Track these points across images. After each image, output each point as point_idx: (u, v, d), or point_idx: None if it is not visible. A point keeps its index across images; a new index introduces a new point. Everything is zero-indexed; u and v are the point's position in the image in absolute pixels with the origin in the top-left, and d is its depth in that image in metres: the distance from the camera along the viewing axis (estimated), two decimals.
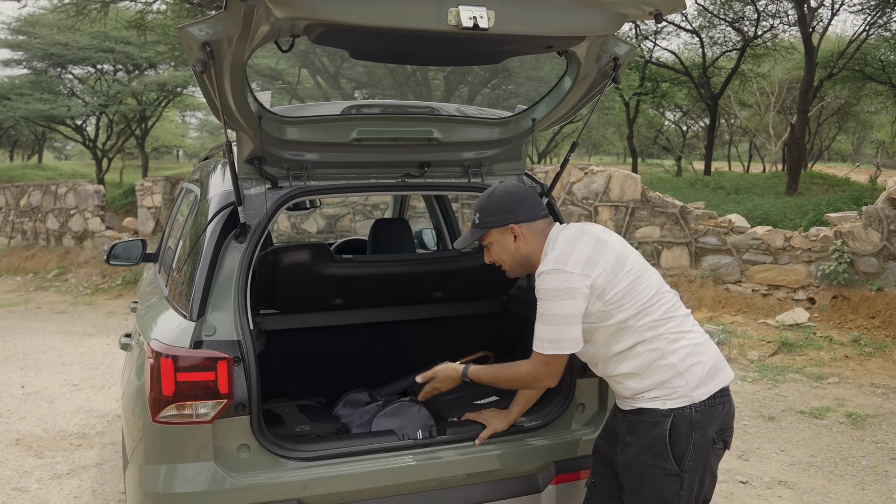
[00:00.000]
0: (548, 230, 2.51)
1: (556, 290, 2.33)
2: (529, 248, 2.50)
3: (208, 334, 2.50)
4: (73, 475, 4.62)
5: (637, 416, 2.40)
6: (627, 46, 2.63)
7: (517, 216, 2.48)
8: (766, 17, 19.99)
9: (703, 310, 8.36)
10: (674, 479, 2.33)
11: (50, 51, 21.48)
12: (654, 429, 2.35)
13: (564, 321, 2.33)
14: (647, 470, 2.35)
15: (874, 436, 5.20)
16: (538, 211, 2.51)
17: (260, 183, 2.80)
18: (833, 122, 32.54)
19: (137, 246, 4.54)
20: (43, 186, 14.13)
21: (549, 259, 2.38)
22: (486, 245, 2.57)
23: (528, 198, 2.51)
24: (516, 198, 2.49)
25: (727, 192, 16.30)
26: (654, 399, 2.36)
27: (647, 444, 2.36)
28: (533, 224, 2.49)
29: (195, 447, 2.45)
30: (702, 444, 2.34)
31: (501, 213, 2.48)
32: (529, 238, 2.49)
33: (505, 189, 2.52)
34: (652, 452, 2.34)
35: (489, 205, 2.50)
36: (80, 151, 41.70)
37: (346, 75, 18.06)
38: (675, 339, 2.39)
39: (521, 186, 2.55)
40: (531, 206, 2.50)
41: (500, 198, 2.50)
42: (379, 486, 2.60)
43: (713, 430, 2.36)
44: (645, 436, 2.36)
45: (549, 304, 2.35)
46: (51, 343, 8.30)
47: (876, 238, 7.47)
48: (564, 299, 2.33)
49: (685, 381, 2.34)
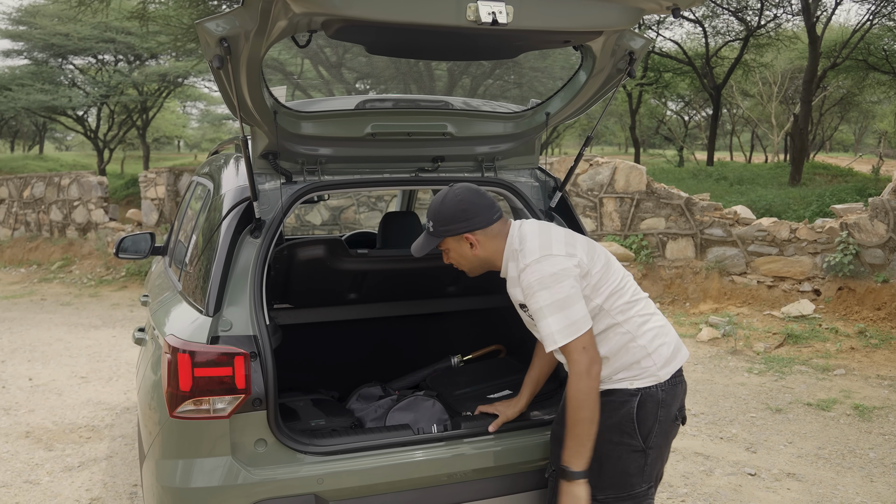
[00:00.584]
0: (504, 230, 2.52)
1: (550, 276, 2.33)
2: (486, 252, 2.51)
3: (225, 329, 2.50)
4: (84, 468, 4.64)
5: (604, 396, 2.41)
6: (643, 41, 2.62)
7: (471, 224, 2.48)
8: (770, 7, 19.95)
9: (709, 301, 8.37)
10: (639, 455, 2.41)
11: (51, 41, 21.41)
12: (621, 408, 2.40)
13: (569, 302, 2.31)
14: (613, 448, 2.40)
15: (881, 428, 5.21)
16: (491, 215, 2.50)
17: (274, 178, 2.80)
18: (835, 112, 32.49)
19: (146, 239, 4.55)
20: (46, 178, 14.12)
21: (530, 250, 2.39)
22: (444, 250, 2.58)
23: (480, 203, 2.49)
24: (468, 205, 2.48)
25: (730, 182, 16.30)
26: (622, 380, 2.42)
27: (613, 423, 2.40)
28: (488, 229, 2.49)
29: (212, 442, 2.46)
30: (666, 422, 2.44)
31: (455, 222, 2.48)
32: (485, 243, 2.50)
33: (456, 196, 2.49)
34: (619, 430, 2.40)
35: (441, 214, 2.49)
36: (81, 142, 41.73)
37: (349, 66, 18.02)
38: (643, 321, 2.47)
39: (472, 191, 2.52)
40: (484, 210, 2.49)
41: (451, 206, 2.48)
42: (395, 481, 2.61)
43: (675, 408, 2.47)
44: (611, 416, 2.40)
45: (548, 293, 2.32)
46: (57, 335, 8.31)
47: (882, 230, 7.47)
48: (562, 281, 2.32)
49: (653, 361, 2.42)
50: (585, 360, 2.30)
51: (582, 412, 2.29)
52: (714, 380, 6.29)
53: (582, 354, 2.30)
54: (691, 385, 6.15)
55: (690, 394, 5.94)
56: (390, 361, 3.71)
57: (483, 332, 3.74)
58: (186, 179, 12.85)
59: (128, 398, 5.99)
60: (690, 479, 4.41)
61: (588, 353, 2.30)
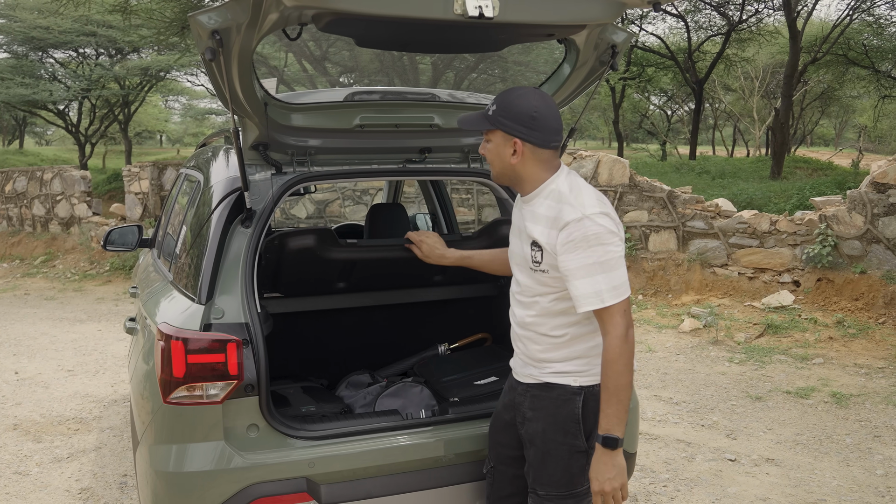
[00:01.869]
0: (554, 164, 2.39)
1: (609, 233, 2.24)
2: (524, 170, 2.37)
3: (217, 317, 2.55)
4: (73, 459, 4.67)
5: (543, 391, 2.39)
6: (625, 34, 2.69)
7: (528, 135, 2.32)
8: (752, 2, 20.13)
9: (691, 293, 8.48)
10: (582, 455, 2.37)
11: (31, 34, 21.20)
12: (564, 406, 2.36)
13: (619, 264, 2.24)
14: (556, 447, 2.37)
15: (858, 414, 5.33)
16: (551, 140, 2.35)
17: (264, 169, 2.85)
18: (816, 107, 32.81)
19: (133, 232, 4.58)
20: (28, 172, 14.03)
21: (589, 202, 2.28)
22: (486, 139, 2.43)
23: (549, 123, 2.34)
24: (538, 117, 2.31)
25: (712, 176, 16.45)
26: (565, 374, 2.36)
27: (556, 421, 2.36)
28: (538, 150, 2.34)
29: (205, 427, 2.51)
30: None
31: (516, 122, 2.31)
32: (528, 160, 2.35)
33: (531, 104, 2.32)
34: (563, 430, 2.36)
35: (510, 106, 2.33)
36: (62, 136, 41.33)
37: (333, 60, 18.01)
38: None
39: (549, 107, 2.37)
40: (548, 132, 2.33)
41: (523, 106, 2.32)
42: (384, 464, 2.67)
43: None
44: (555, 413, 2.37)
45: (604, 249, 2.22)
46: (42, 329, 8.30)
47: (859, 221, 7.60)
48: (615, 242, 2.25)
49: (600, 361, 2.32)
50: (625, 323, 2.22)
51: (624, 377, 2.21)
52: (696, 369, 6.39)
53: (623, 317, 2.22)
54: (674, 374, 6.26)
55: (673, 383, 6.04)
56: (378, 349, 3.77)
57: (470, 320, 3.80)
58: (170, 174, 12.82)
59: (115, 391, 6.01)
60: (672, 465, 4.51)
61: (627, 316, 2.23)
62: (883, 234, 7.49)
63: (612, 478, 2.24)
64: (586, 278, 2.22)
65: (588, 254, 2.22)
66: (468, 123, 2.42)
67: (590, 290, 2.22)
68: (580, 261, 2.23)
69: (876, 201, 7.51)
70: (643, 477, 4.34)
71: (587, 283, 2.22)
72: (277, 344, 3.34)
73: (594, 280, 2.21)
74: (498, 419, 2.62)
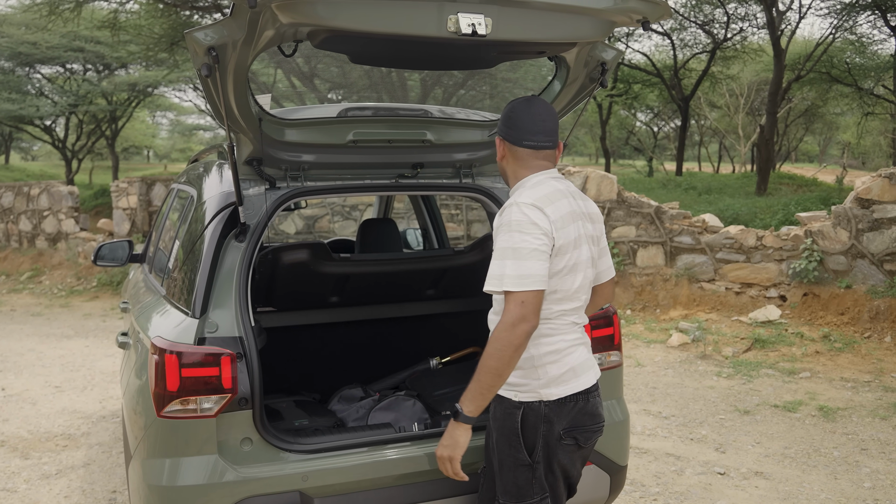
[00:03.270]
0: (531, 162, 2.45)
1: (530, 223, 2.28)
2: (508, 166, 2.51)
3: (211, 331, 2.56)
4: (62, 475, 4.64)
5: (496, 402, 2.44)
6: (614, 52, 2.74)
7: (505, 133, 2.48)
8: (736, 20, 20.37)
9: (679, 308, 8.53)
10: (526, 469, 2.41)
11: (18, 50, 21.16)
12: (508, 419, 2.41)
13: (533, 255, 2.25)
14: (505, 458, 2.43)
15: (845, 428, 5.37)
16: (523, 138, 2.43)
17: (258, 183, 2.87)
18: (800, 124, 33.12)
19: (124, 247, 4.58)
20: (15, 188, 13.96)
21: (527, 194, 2.35)
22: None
23: (523, 121, 2.44)
24: (513, 116, 2.45)
25: (699, 192, 16.57)
26: (509, 387, 2.39)
27: (504, 433, 2.42)
28: (514, 148, 2.46)
29: (199, 441, 2.52)
30: (550, 438, 2.39)
31: (501, 122, 2.51)
32: (509, 157, 2.49)
33: (512, 105, 2.47)
34: (508, 443, 2.42)
35: (505, 108, 2.51)
36: (48, 152, 41.16)
37: (322, 76, 18.07)
38: (551, 333, 2.41)
39: (525, 107, 2.45)
40: (520, 130, 2.44)
41: (506, 109, 2.49)
42: (377, 478, 2.68)
43: (560, 427, 2.40)
44: (502, 425, 2.43)
45: (519, 236, 2.26)
46: (28, 345, 8.24)
47: (844, 237, 7.69)
48: (535, 233, 2.27)
49: (537, 376, 2.38)
50: (518, 314, 2.22)
51: (491, 361, 2.24)
52: (684, 383, 6.43)
53: (518, 308, 2.22)
54: (663, 388, 6.29)
55: (662, 397, 6.07)
56: (371, 363, 3.78)
57: (461, 334, 3.82)
58: (159, 189, 12.80)
59: (103, 407, 5.98)
60: (662, 479, 4.53)
61: (524, 309, 2.22)
62: (867, 249, 7.58)
63: (446, 445, 2.38)
64: (497, 260, 2.29)
65: (505, 238, 2.29)
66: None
67: (496, 272, 2.28)
68: (498, 243, 2.31)
69: (860, 217, 7.61)
70: (633, 490, 4.35)
71: (496, 265, 2.28)
72: (270, 358, 3.35)
73: (503, 263, 2.27)
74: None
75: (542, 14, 2.27)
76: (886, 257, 7.51)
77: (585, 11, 2.32)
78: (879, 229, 7.54)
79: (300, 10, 2.06)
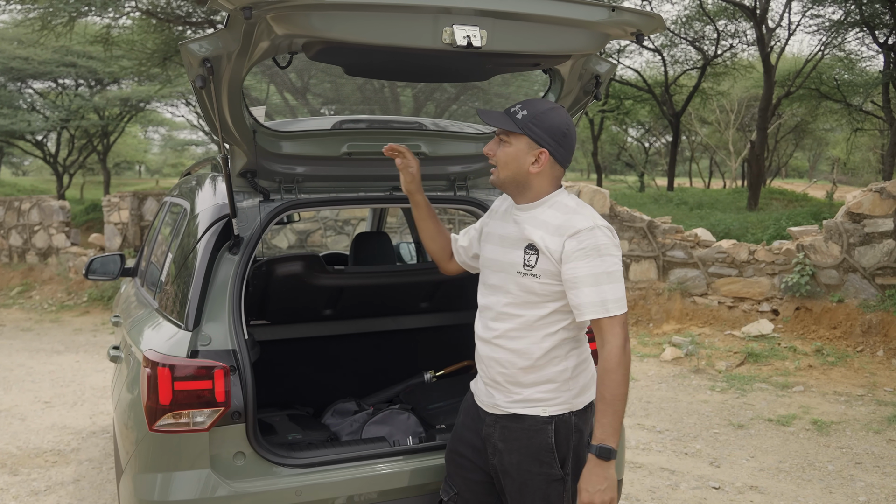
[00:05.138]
0: (560, 180, 2.42)
1: (616, 246, 2.29)
2: (538, 181, 2.36)
3: (204, 344, 2.54)
4: (52, 491, 4.58)
5: (512, 422, 2.37)
6: (608, 65, 2.75)
7: (556, 150, 2.34)
8: (726, 37, 20.56)
9: (672, 322, 8.53)
10: (559, 483, 2.35)
11: (10, 65, 21.11)
12: (536, 436, 2.34)
13: (622, 277, 2.28)
14: (532, 477, 2.34)
15: (839, 441, 5.37)
16: (569, 159, 2.40)
17: (252, 196, 2.86)
18: (790, 140, 33.35)
19: (115, 261, 4.56)
20: (6, 202, 13.89)
21: (593, 215, 2.32)
22: (504, 140, 2.37)
23: (573, 143, 2.41)
24: (569, 135, 2.37)
25: (690, 207, 16.65)
26: (534, 404, 2.34)
27: (530, 452, 2.34)
28: (557, 166, 2.37)
29: (192, 455, 2.49)
30: (579, 447, 2.37)
31: (549, 134, 2.32)
32: (546, 173, 2.36)
33: (565, 121, 2.36)
34: (537, 461, 2.34)
35: (543, 118, 2.32)
36: (39, 167, 41.00)
37: (315, 91, 18.09)
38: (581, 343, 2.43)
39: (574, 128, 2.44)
40: (570, 152, 2.40)
41: (559, 121, 2.34)
42: (371, 492, 2.65)
43: (587, 434, 2.39)
44: (528, 444, 2.34)
45: (613, 260, 2.26)
46: (18, 360, 8.17)
47: (836, 251, 7.72)
48: (619, 255, 2.30)
49: (569, 387, 2.36)
50: (624, 335, 2.23)
51: (621, 388, 2.21)
52: (678, 398, 6.42)
53: (623, 329, 2.23)
54: (657, 402, 6.28)
55: (656, 411, 6.06)
56: (364, 377, 3.76)
57: (455, 348, 3.80)
58: (150, 204, 12.76)
59: (93, 422, 5.92)
60: (657, 494, 4.51)
61: (626, 329, 2.25)
62: (859, 263, 7.61)
63: (602, 490, 2.19)
64: (593, 287, 2.23)
65: (598, 263, 2.24)
66: (490, 118, 2.37)
67: (596, 298, 2.22)
68: (589, 269, 2.23)
69: (852, 231, 7.64)
70: None
71: (594, 291, 2.23)
72: (263, 372, 3.32)
73: (601, 289, 2.22)
74: (461, 442, 2.55)
75: (537, 26, 2.27)
76: (878, 271, 7.54)
77: (580, 24, 2.32)
78: (871, 243, 7.57)
79: (295, 22, 2.06)
